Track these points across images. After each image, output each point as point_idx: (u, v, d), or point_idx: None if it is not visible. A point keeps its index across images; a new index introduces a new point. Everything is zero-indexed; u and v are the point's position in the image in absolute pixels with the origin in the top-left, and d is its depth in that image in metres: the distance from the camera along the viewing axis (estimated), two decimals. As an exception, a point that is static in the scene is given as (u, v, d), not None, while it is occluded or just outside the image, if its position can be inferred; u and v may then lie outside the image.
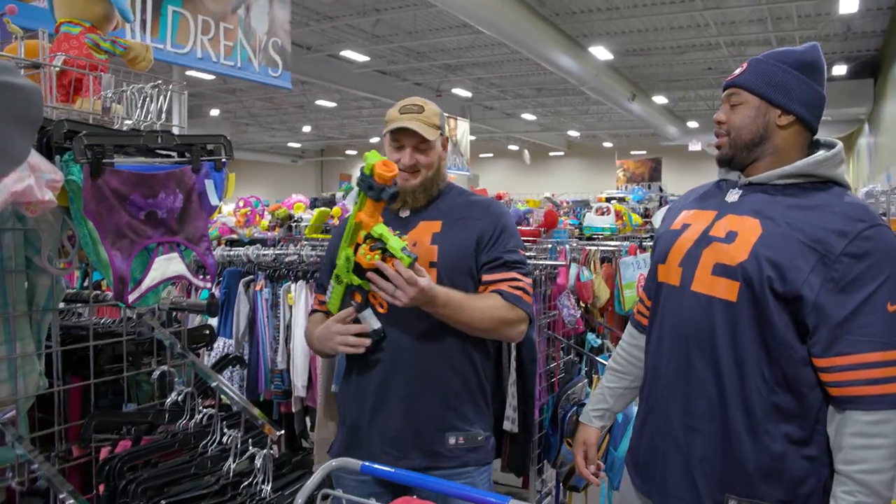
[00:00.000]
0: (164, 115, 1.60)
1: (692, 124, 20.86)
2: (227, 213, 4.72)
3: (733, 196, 1.59)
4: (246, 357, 3.76)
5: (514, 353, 3.48)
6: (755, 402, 1.46)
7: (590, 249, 4.15)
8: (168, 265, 1.43)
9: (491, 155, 31.36)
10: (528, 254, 3.76)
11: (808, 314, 1.41)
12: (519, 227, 3.90)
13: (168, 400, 1.60)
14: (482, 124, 22.32)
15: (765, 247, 1.45)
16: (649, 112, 17.83)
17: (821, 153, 1.54)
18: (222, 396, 1.61)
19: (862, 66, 15.26)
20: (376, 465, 1.54)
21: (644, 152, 25.40)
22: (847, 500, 1.38)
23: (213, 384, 1.62)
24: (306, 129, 26.13)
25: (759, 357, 1.46)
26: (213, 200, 1.53)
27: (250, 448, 1.52)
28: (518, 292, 1.87)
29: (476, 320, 1.82)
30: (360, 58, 14.85)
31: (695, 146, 20.79)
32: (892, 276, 1.39)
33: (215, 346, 3.73)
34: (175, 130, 1.64)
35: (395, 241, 1.67)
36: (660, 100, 18.72)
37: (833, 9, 11.34)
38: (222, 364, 1.83)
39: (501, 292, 1.85)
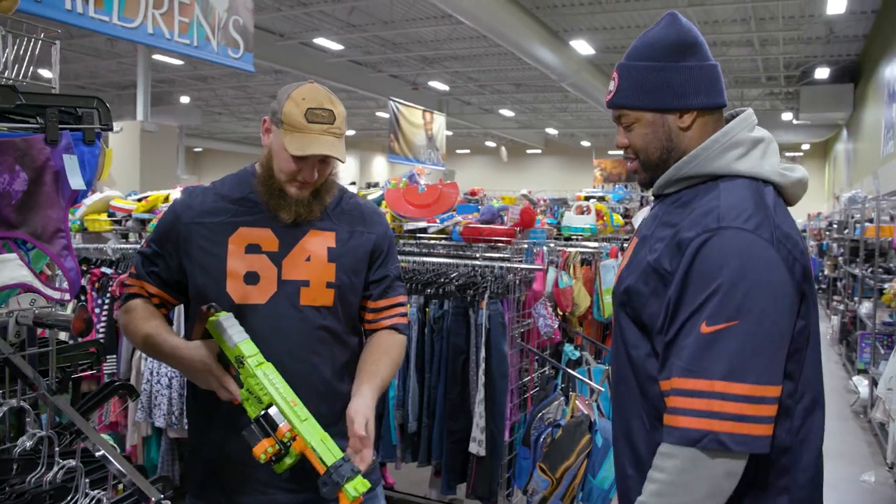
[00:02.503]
0: (22, 67, 1.21)
1: (671, 125, 20.68)
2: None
3: (646, 213, 1.51)
4: (145, 380, 3.41)
5: (482, 366, 3.13)
6: (640, 437, 1.35)
7: (569, 252, 3.80)
8: (1, 270, 1.04)
9: (468, 151, 31.02)
10: (501, 255, 3.44)
11: (655, 340, 1.30)
12: (491, 226, 3.55)
13: (17, 446, 1.20)
14: (459, 119, 21.96)
15: (626, 271, 1.39)
16: (629, 111, 17.58)
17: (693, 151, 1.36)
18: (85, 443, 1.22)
19: (843, 71, 15.10)
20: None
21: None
22: None
23: (75, 428, 1.23)
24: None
25: (637, 395, 1.35)
26: (76, 183, 1.13)
27: (121, 516, 1.13)
28: (404, 319, 1.80)
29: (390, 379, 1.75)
30: (335, 46, 14.41)
31: (673, 147, 20.64)
32: (716, 292, 1.19)
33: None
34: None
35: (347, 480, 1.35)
36: (640, 99, 18.47)
37: (818, 10, 11.14)
38: (106, 393, 1.44)
39: (395, 327, 1.77)
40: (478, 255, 3.36)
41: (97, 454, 1.16)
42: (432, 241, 3.64)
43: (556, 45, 12.29)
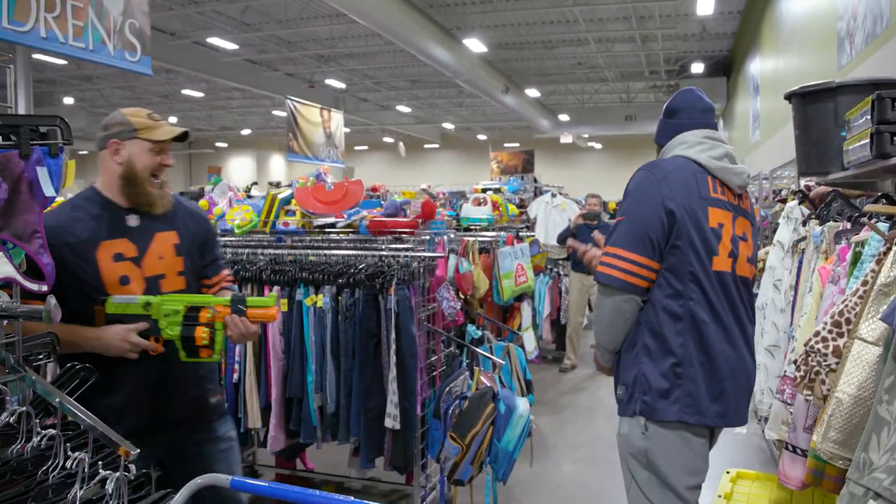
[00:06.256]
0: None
1: (563, 117, 21.45)
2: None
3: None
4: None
5: (393, 347, 3.40)
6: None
7: (468, 240, 4.12)
8: (-8, 266, 1.23)
9: (366, 147, 31.10)
10: (405, 246, 3.71)
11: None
12: (394, 219, 3.81)
13: (-2, 421, 1.39)
14: (356, 116, 22.05)
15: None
16: (522, 105, 18.18)
17: None
18: (67, 415, 1.42)
19: (717, 65, 16.22)
20: (248, 481, 1.43)
21: (517, 144, 25.93)
22: None
23: (55, 400, 1.42)
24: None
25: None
26: (48, 191, 1.33)
27: (101, 471, 1.34)
28: (232, 283, 2.37)
29: None
30: (229, 45, 14.26)
31: (566, 138, 21.43)
32: (622, 201, 2.16)
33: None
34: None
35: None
36: (532, 93, 19.10)
37: (690, 9, 11.96)
38: (68, 375, 1.62)
39: (229, 287, 2.32)
40: (384, 247, 3.62)
41: (77, 421, 1.36)
42: (341, 236, 3.88)
43: (449, 43, 12.63)
